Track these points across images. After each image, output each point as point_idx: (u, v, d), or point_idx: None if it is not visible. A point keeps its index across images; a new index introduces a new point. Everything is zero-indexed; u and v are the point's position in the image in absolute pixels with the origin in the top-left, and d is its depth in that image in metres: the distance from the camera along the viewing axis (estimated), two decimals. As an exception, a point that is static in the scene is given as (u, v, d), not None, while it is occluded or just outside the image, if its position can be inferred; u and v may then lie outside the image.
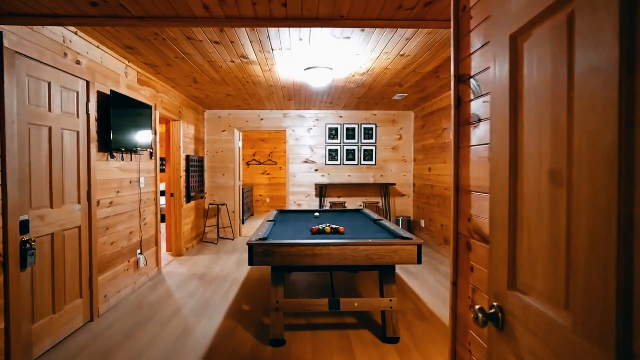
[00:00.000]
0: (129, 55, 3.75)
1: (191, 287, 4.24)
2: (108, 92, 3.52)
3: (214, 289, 4.18)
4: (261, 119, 7.12)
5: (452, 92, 1.67)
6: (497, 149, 1.05)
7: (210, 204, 6.73)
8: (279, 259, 2.78)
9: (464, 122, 1.59)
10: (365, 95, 5.77)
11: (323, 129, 7.18)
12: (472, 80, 1.51)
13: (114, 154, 3.67)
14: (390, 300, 2.98)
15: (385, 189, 7.25)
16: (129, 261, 3.98)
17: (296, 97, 5.96)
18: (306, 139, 7.17)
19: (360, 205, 7.23)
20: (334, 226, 3.40)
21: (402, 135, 7.27)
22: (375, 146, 7.24)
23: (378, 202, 7.00)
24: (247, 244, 2.76)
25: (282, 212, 4.92)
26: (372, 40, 3.38)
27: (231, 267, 5.11)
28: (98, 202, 3.36)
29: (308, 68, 4.27)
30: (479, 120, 1.44)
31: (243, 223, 8.72)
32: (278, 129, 7.17)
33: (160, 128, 8.98)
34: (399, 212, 7.27)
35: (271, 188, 10.99)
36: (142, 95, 4.31)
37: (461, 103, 1.61)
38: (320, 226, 3.38)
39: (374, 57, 3.84)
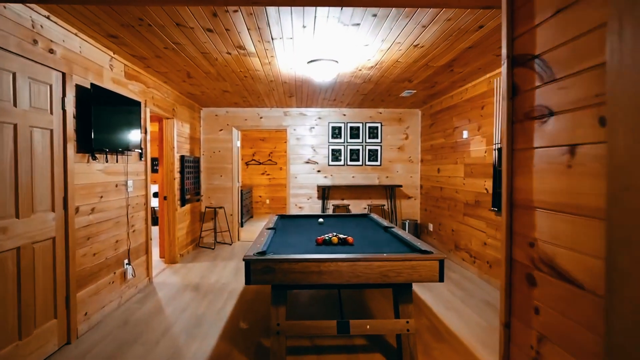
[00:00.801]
0: (113, 46, 3.38)
1: (184, 300, 3.88)
2: (89, 87, 3.15)
3: (209, 302, 3.81)
4: (261, 118, 6.75)
5: (503, 78, 1.31)
6: (627, 151, 0.68)
7: (207, 207, 6.37)
8: (280, 277, 2.41)
9: (522, 116, 1.22)
10: (371, 91, 5.40)
11: (326, 128, 6.81)
12: (537, 60, 1.14)
13: (97, 155, 3.31)
14: (407, 322, 2.62)
15: (391, 191, 6.88)
16: (114, 273, 3.61)
17: (298, 94, 5.59)
18: (308, 139, 6.81)
19: (365, 209, 6.87)
20: (341, 236, 3.03)
21: (409, 134, 6.91)
22: (381, 146, 6.87)
23: (384, 205, 6.63)
24: (244, 259, 2.39)
25: (283, 218, 4.56)
26: (384, 28, 3.01)
27: (228, 276, 4.75)
28: (77, 209, 2.99)
29: (311, 61, 3.91)
30: (551, 113, 1.07)
31: (242, 226, 8.36)
32: (278, 128, 6.80)
33: (152, 127, 8.62)
34: (405, 215, 6.91)
35: (271, 189, 10.63)
36: (130, 90, 3.94)
37: (518, 92, 1.24)
38: (326, 236, 3.01)
39: (385, 48, 3.47)
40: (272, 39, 3.23)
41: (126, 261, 3.84)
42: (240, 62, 3.90)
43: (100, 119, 3.18)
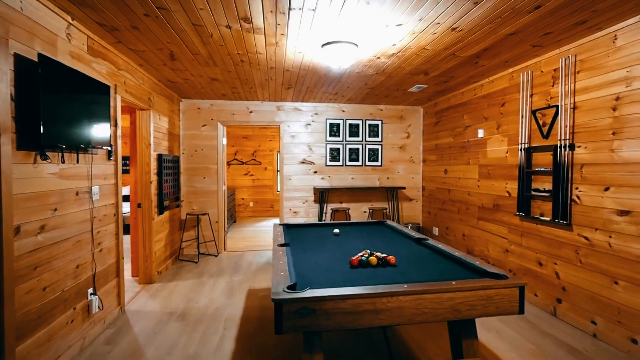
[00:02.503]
0: (73, 8, 2.59)
1: (169, 334, 3.14)
2: (35, 59, 2.36)
3: (202, 337, 3.10)
4: (250, 112, 6.02)
5: None
6: None
7: (188, 214, 5.58)
8: (323, 321, 1.77)
9: None
10: (380, 85, 4.82)
11: (323, 125, 6.18)
12: None
13: (48, 154, 2.50)
14: (474, 365, 2.06)
15: (392, 193, 6.35)
16: (74, 309, 2.81)
17: (298, 86, 4.93)
18: (303, 136, 6.15)
19: (365, 212, 6.30)
20: (380, 255, 2.43)
21: (410, 133, 6.40)
22: (382, 145, 6.32)
23: (385, 209, 6.09)
24: (274, 300, 1.73)
25: (290, 228, 3.89)
26: (428, 4, 2.43)
27: (220, 297, 4.02)
28: (17, 228, 2.20)
29: (327, 44, 3.27)
30: None
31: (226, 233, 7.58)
32: (270, 124, 6.10)
33: (121, 119, 7.68)
34: (406, 219, 6.40)
35: (255, 191, 9.86)
36: (95, 71, 3.15)
37: None
38: (362, 257, 2.40)
39: (419, 30, 2.90)
40: (290, 9, 2.57)
41: (91, 290, 3.05)
42: (240, 40, 3.20)
43: (52, 105, 2.38)
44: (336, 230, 3.51)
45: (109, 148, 3.25)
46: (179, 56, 3.65)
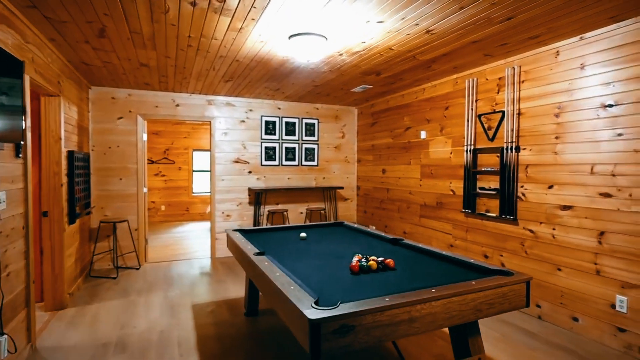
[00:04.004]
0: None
1: (114, 370, 2.56)
2: None
3: (159, 368, 2.60)
4: (177, 105, 5.36)
5: None
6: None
7: (102, 221, 4.70)
8: (363, 336, 1.59)
9: None
10: (327, 83, 4.73)
11: (258, 122, 5.84)
12: None
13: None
14: (480, 359, 2.11)
15: (330, 193, 6.34)
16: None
17: (239, 79, 4.54)
18: (237, 134, 5.72)
19: (302, 213, 6.16)
20: (378, 259, 2.33)
21: (345, 133, 6.47)
22: (318, 144, 6.25)
23: (323, 209, 6.04)
24: (312, 321, 1.48)
25: (247, 234, 3.53)
26: (419, 3, 2.41)
27: (162, 317, 3.46)
28: None
29: (295, 35, 3.04)
30: None
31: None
32: (200, 120, 5.52)
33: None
34: (341, 218, 6.46)
35: (168, 193, 8.91)
36: None
37: None
38: (362, 262, 2.26)
39: (396, 29, 2.88)
40: (277, -11, 2.29)
41: None
42: (199, 21, 2.77)
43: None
44: (303, 234, 3.30)
45: (19, 142, 2.52)
46: (111, 34, 3.02)
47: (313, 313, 1.53)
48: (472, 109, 3.99)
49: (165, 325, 3.29)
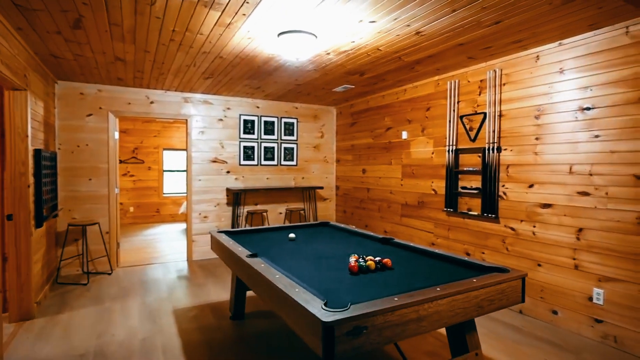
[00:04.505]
0: None
1: (97, 383, 2.40)
2: None
3: (145, 378, 2.46)
4: (151, 103, 5.13)
5: None
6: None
7: (70, 224, 4.41)
8: (375, 337, 1.57)
9: None
10: (310, 82, 4.69)
11: (236, 121, 5.71)
12: None
13: None
14: (477, 354, 2.15)
15: (309, 193, 6.30)
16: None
17: (220, 76, 4.40)
18: (214, 132, 5.56)
19: (281, 214, 6.08)
20: (375, 259, 2.32)
21: (324, 133, 6.46)
22: (297, 144, 6.20)
23: (302, 209, 5.99)
24: (325, 324, 1.45)
25: (233, 235, 3.43)
26: (413, 4, 2.43)
27: (142, 324, 3.29)
28: None
29: (285, 32, 2.99)
30: None
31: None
32: (176, 118, 5.32)
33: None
34: (321, 218, 6.44)
35: (137, 194, 8.53)
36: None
37: None
38: (360, 262, 2.25)
39: (387, 29, 2.89)
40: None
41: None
42: (187, 14, 2.66)
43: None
44: (292, 235, 3.25)
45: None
46: (88, 24, 2.83)
47: (326, 315, 1.49)
48: (454, 110, 4.09)
49: (147, 332, 3.13)
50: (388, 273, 2.22)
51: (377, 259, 2.33)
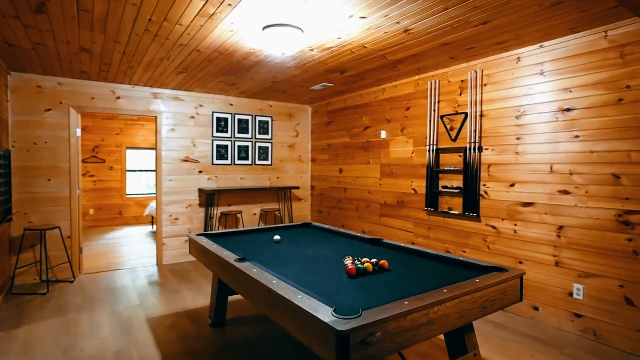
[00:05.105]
0: None
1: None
2: None
3: (123, 397, 2.25)
4: (117, 98, 4.79)
5: None
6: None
7: (26, 229, 4.01)
8: (388, 344, 1.50)
9: None
10: (288, 80, 4.57)
11: (209, 119, 5.47)
12: None
13: None
14: (475, 354, 2.14)
15: (284, 194, 6.16)
16: None
17: (194, 71, 4.18)
18: (185, 130, 5.30)
19: (255, 215, 5.91)
20: (371, 261, 2.26)
21: (299, 132, 6.35)
22: (272, 143, 6.05)
23: (278, 210, 5.85)
24: (340, 333, 1.35)
25: (213, 238, 3.24)
26: (407, 0, 2.40)
27: (113, 335, 3.03)
28: None
29: (270, 26, 2.86)
30: None
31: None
32: (144, 114, 5.00)
33: None
34: (296, 219, 6.32)
35: (97, 195, 8.00)
36: None
37: None
38: (358, 264, 2.17)
39: (376, 25, 2.84)
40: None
41: None
42: (166, 2, 2.46)
43: None
44: (277, 237, 3.12)
45: None
46: (53, 9, 2.56)
47: (340, 323, 1.40)
48: (434, 110, 4.12)
49: (121, 344, 2.89)
50: (386, 275, 2.16)
51: (373, 260, 2.27)
